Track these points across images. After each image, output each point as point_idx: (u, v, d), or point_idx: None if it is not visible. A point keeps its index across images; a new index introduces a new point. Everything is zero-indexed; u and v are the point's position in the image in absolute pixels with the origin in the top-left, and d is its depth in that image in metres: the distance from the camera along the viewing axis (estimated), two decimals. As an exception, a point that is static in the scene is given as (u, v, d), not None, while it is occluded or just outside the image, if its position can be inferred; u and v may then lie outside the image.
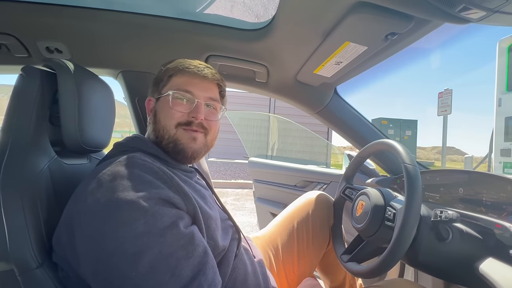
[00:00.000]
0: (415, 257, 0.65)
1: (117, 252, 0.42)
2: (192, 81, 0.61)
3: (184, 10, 0.87)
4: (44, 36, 0.83)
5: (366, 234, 0.73)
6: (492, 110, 3.83)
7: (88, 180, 0.49)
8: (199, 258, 0.47)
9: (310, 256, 0.86)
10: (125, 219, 0.43)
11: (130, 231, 0.43)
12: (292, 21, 0.69)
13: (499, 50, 3.72)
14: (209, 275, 0.47)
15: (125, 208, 0.44)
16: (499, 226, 0.64)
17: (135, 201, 0.44)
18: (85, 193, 0.47)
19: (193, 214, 0.51)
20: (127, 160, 0.50)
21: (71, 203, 0.50)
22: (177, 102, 0.60)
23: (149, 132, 0.64)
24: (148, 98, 0.66)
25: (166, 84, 0.62)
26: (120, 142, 0.60)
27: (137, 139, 0.60)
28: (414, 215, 0.58)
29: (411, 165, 0.62)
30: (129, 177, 0.47)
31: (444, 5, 0.46)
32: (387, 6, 0.53)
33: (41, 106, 0.59)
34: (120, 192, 0.44)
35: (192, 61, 0.64)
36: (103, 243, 0.43)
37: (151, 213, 0.44)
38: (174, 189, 0.50)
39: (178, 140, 0.59)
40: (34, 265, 0.48)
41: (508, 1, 0.41)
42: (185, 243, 0.46)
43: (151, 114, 0.64)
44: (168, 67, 0.63)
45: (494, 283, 0.54)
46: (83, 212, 0.46)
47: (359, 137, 1.12)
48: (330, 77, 0.91)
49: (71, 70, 0.60)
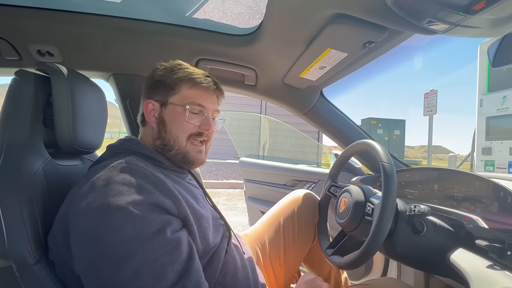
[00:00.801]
0: (393, 249, 0.70)
1: (104, 255, 0.45)
2: (205, 95, 0.65)
3: (175, 15, 0.89)
4: (36, 39, 0.84)
5: (348, 229, 0.77)
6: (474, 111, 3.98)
7: (82, 183, 0.51)
8: (183, 263, 0.48)
9: (296, 251, 0.90)
10: (114, 224, 0.45)
11: (118, 236, 0.45)
12: (278, 28, 0.73)
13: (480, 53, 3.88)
14: (193, 278, 0.49)
15: (115, 213, 0.45)
16: (467, 219, 0.69)
17: (125, 206, 0.46)
18: (79, 196, 0.49)
19: (184, 217, 0.53)
20: (120, 165, 0.52)
21: (65, 204, 0.51)
22: (192, 116, 0.63)
23: (150, 136, 0.64)
24: (147, 100, 0.65)
25: (177, 92, 0.63)
26: (114, 144, 0.62)
27: (131, 141, 0.62)
28: (390, 209, 0.62)
29: (387, 163, 0.67)
30: (121, 183, 0.48)
31: (412, 18, 0.51)
32: (362, 17, 0.58)
33: (35, 109, 0.61)
34: (112, 197, 0.46)
35: (196, 70, 0.66)
36: (93, 245, 0.45)
37: (140, 219, 0.46)
38: (165, 193, 0.52)
39: (188, 152, 0.63)
40: (32, 261, 0.50)
41: (466, 16, 0.47)
42: (170, 249, 0.47)
43: (155, 120, 0.64)
44: (179, 75, 0.63)
45: (462, 271, 0.59)
46: (77, 214, 0.48)
47: (344, 137, 1.17)
48: (315, 80, 0.95)
49: (65, 74, 0.62)
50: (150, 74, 0.67)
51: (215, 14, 0.90)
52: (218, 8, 0.89)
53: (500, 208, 0.65)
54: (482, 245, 0.60)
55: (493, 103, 3.73)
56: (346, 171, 1.34)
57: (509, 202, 0.62)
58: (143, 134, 0.67)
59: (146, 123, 0.66)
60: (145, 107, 0.65)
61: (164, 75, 0.64)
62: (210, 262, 0.60)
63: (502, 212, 0.64)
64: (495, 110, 3.72)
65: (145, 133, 0.66)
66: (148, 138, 0.65)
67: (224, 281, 0.62)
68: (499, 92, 3.69)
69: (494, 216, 0.65)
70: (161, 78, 0.64)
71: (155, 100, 0.64)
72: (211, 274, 0.60)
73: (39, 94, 0.62)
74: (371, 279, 0.87)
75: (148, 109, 0.64)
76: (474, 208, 0.71)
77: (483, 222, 0.66)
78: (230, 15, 0.89)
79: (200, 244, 0.56)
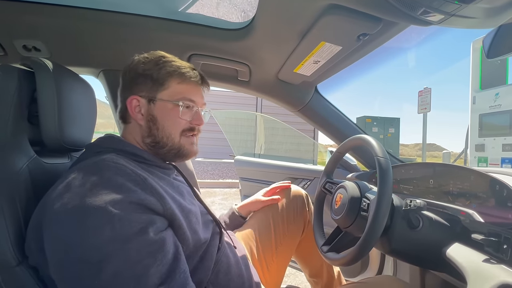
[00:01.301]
0: (389, 245, 0.69)
1: (81, 259, 0.42)
2: (194, 90, 0.64)
3: (166, 9, 0.87)
4: (21, 34, 0.81)
5: (344, 225, 0.76)
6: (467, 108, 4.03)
7: (57, 184, 0.48)
8: (168, 265, 0.46)
9: (287, 244, 0.92)
10: (91, 226, 0.42)
11: (95, 238, 0.42)
12: (270, 22, 0.72)
13: (473, 50, 3.92)
14: (178, 280, 0.46)
15: (91, 214, 0.43)
16: (463, 213, 0.69)
17: (102, 206, 0.43)
18: (53, 198, 0.46)
19: (170, 214, 0.51)
20: (98, 163, 0.49)
21: (39, 208, 0.48)
22: (185, 111, 0.61)
23: (137, 133, 0.62)
24: (131, 96, 0.61)
25: (166, 88, 0.60)
26: (93, 143, 0.60)
27: (111, 139, 0.60)
28: (385, 204, 0.61)
29: (383, 157, 0.66)
30: (99, 181, 0.46)
31: (406, 8, 0.50)
32: (356, 8, 0.57)
33: (19, 105, 0.58)
34: (88, 198, 0.43)
35: (182, 62, 0.64)
36: (68, 250, 0.42)
37: (119, 219, 0.43)
38: (148, 191, 0.49)
39: (182, 146, 0.62)
40: (14, 262, 0.48)
41: (461, 6, 0.46)
42: (153, 250, 0.45)
43: (143, 117, 0.61)
44: (167, 69, 0.61)
45: (458, 266, 0.58)
46: (50, 218, 0.45)
47: (339, 133, 1.16)
48: (309, 75, 0.94)
49: (50, 68, 0.60)
50: (131, 67, 0.62)
51: (208, 8, 0.88)
52: (211, 2, 0.87)
53: (495, 202, 0.64)
54: (478, 239, 0.60)
55: (485, 100, 3.78)
56: (342, 168, 1.34)
57: (505, 195, 0.62)
58: (127, 132, 0.63)
59: (131, 120, 0.63)
60: (129, 103, 0.61)
61: (149, 69, 0.61)
62: (202, 260, 0.59)
63: (497, 205, 0.63)
64: (487, 107, 3.76)
65: (130, 130, 0.63)
66: (134, 136, 0.62)
67: (216, 279, 0.61)
68: (491, 89, 3.73)
69: (490, 210, 0.65)
70: (146, 72, 0.60)
71: (140, 95, 0.61)
72: (203, 273, 0.58)
73: (23, 90, 0.59)
74: (367, 277, 0.87)
75: (133, 105, 0.61)
76: (470, 202, 0.70)
77: (479, 216, 0.65)
78: (223, 9, 0.87)
79: (190, 240, 0.55)
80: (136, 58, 0.63)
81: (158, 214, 0.49)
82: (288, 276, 1.99)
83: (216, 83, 1.10)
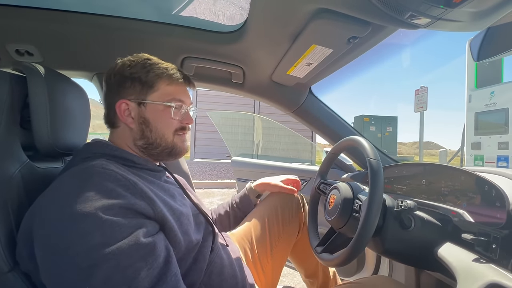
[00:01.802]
0: (382, 245, 0.70)
1: (71, 265, 0.42)
2: (181, 90, 0.65)
3: (160, 13, 0.88)
4: (14, 39, 0.81)
5: (337, 226, 0.77)
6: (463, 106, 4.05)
7: (47, 192, 0.48)
8: (159, 268, 0.46)
9: (283, 246, 0.91)
10: (82, 231, 0.42)
11: (84, 244, 0.42)
12: (262, 24, 0.72)
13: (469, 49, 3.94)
14: (170, 283, 0.47)
15: (82, 221, 0.43)
16: (454, 213, 0.70)
17: (93, 213, 0.43)
18: (43, 205, 0.46)
19: (160, 217, 0.51)
20: (88, 169, 0.49)
21: (28, 214, 0.48)
22: (176, 112, 0.63)
23: (127, 137, 0.62)
24: (120, 101, 0.61)
25: (156, 90, 0.61)
26: (80, 149, 0.59)
27: (99, 144, 0.60)
28: (376, 205, 0.62)
29: (374, 159, 0.66)
30: (89, 188, 0.46)
31: (394, 12, 0.51)
32: (345, 12, 0.57)
33: (11, 110, 0.58)
34: (78, 204, 0.43)
35: (168, 64, 0.65)
36: (58, 256, 0.42)
37: (109, 224, 0.43)
38: (137, 195, 0.50)
39: (175, 145, 0.64)
40: (6, 268, 0.48)
41: (447, 10, 0.46)
42: (144, 254, 0.45)
43: (133, 121, 0.61)
44: (155, 72, 0.61)
45: (449, 265, 0.59)
46: (40, 224, 0.45)
47: (334, 134, 1.17)
48: (303, 77, 0.95)
49: (42, 73, 0.60)
50: (117, 70, 0.62)
51: (201, 11, 0.88)
52: (205, 6, 0.88)
53: (485, 202, 0.65)
54: (468, 239, 0.60)
55: (481, 99, 3.80)
56: (337, 168, 1.35)
57: (493, 195, 0.63)
58: (116, 136, 0.63)
59: (120, 124, 0.62)
60: (118, 107, 0.61)
61: (136, 72, 0.60)
62: (195, 262, 0.59)
63: (486, 205, 0.64)
64: (483, 106, 3.79)
65: (119, 134, 0.63)
66: (124, 140, 0.62)
67: (209, 281, 0.61)
68: (487, 88, 3.76)
69: (480, 209, 0.65)
70: (134, 75, 0.60)
71: (130, 99, 0.61)
72: (196, 274, 0.59)
73: (15, 95, 0.59)
74: (362, 277, 0.88)
75: (122, 109, 0.61)
76: (461, 202, 0.71)
77: (469, 216, 0.66)
78: (216, 12, 0.88)
79: (182, 242, 0.55)
80: (119, 61, 0.63)
81: (148, 218, 0.50)
82: (286, 276, 1.99)
83: (210, 86, 1.10)
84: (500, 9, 0.47)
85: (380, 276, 1.03)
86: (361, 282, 0.76)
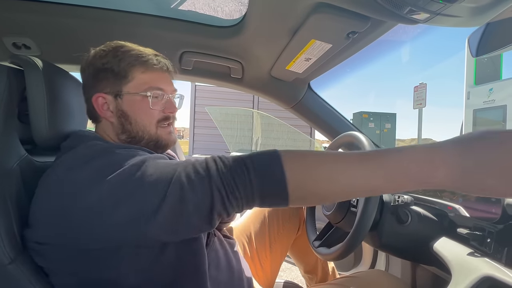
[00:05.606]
0: (379, 240, 0.71)
1: (145, 196, 0.43)
2: (160, 77, 0.59)
3: (158, 6, 0.87)
4: (11, 31, 0.80)
5: (334, 221, 0.78)
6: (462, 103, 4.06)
7: (51, 171, 0.50)
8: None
9: (281, 241, 0.92)
10: (134, 170, 0.44)
11: (132, 159, 0.45)
12: (261, 19, 0.72)
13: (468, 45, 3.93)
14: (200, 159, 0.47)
15: (130, 162, 0.45)
16: (450, 208, 0.71)
17: (139, 157, 0.47)
18: (65, 166, 0.48)
19: None
20: (92, 145, 0.51)
21: (43, 198, 0.49)
22: (155, 101, 0.58)
23: (110, 131, 0.60)
24: (96, 95, 0.58)
25: (131, 80, 0.57)
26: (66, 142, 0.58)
27: (87, 133, 0.59)
28: (373, 200, 0.63)
29: None
30: (116, 151, 0.49)
31: (393, 7, 0.51)
32: (344, 7, 0.57)
33: (9, 104, 0.58)
34: (103, 171, 0.45)
35: (144, 49, 0.59)
36: (126, 198, 0.43)
37: (157, 159, 0.47)
38: None
39: (159, 137, 0.60)
40: (6, 261, 0.48)
41: (446, 5, 0.46)
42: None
43: (112, 114, 0.58)
44: (128, 60, 0.57)
45: (444, 259, 0.60)
46: (82, 194, 0.44)
47: (333, 130, 1.17)
48: (302, 72, 0.95)
49: (40, 67, 0.60)
50: (88, 62, 0.58)
51: (200, 6, 0.88)
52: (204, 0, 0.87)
53: (480, 197, 0.66)
54: (464, 233, 0.61)
55: (480, 96, 3.81)
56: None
57: None
58: (100, 131, 0.62)
59: (101, 119, 0.61)
60: (95, 102, 0.58)
61: (108, 62, 0.56)
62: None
63: (481, 200, 0.65)
64: (482, 103, 3.79)
65: (104, 129, 0.61)
66: (108, 134, 0.60)
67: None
68: (485, 85, 3.76)
69: (475, 204, 0.66)
70: (106, 66, 0.56)
71: (105, 92, 0.57)
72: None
73: (13, 88, 0.59)
74: (358, 272, 0.89)
75: (99, 103, 0.58)
76: (457, 197, 0.72)
77: (465, 211, 0.67)
78: (215, 6, 0.87)
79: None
80: (92, 52, 0.59)
81: None
82: (284, 270, 2.01)
83: (209, 81, 1.10)
84: (499, 4, 0.47)
85: (376, 270, 1.04)
86: (357, 276, 0.77)
